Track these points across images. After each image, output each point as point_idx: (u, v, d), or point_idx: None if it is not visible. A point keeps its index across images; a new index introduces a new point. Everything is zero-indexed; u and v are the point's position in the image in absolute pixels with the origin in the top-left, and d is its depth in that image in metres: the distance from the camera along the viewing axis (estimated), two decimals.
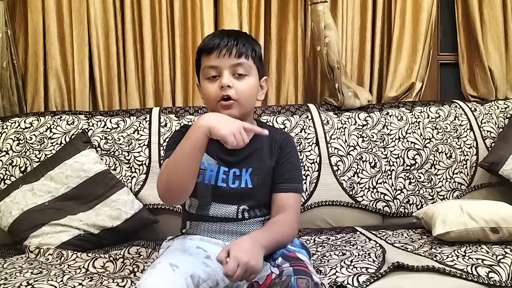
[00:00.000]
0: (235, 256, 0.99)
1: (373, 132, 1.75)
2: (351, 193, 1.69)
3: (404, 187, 1.72)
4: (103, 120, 1.68)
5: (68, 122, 1.66)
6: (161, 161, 1.22)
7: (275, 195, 1.24)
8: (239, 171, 1.22)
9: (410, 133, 1.77)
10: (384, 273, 1.15)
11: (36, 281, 1.16)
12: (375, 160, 1.72)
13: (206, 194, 1.22)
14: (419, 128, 1.78)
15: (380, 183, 1.71)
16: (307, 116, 1.76)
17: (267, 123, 1.70)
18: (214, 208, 1.22)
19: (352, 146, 1.72)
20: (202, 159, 1.10)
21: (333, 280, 1.13)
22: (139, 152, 1.64)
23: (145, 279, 0.99)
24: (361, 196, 1.69)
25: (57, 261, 1.35)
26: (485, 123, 1.84)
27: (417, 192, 1.73)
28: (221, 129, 1.04)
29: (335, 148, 1.71)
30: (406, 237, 1.44)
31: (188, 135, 1.08)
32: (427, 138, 1.77)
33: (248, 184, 1.21)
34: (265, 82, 1.28)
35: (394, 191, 1.72)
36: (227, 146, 1.04)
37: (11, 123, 1.65)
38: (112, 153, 1.63)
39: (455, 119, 1.82)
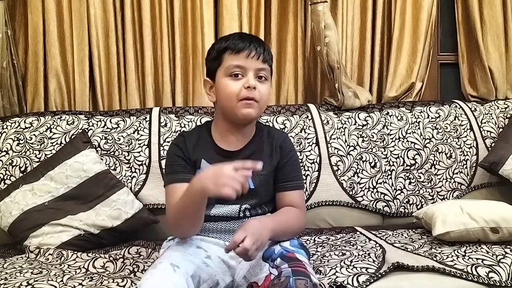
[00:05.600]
0: (244, 228, 1.06)
1: (373, 132, 1.75)
2: (351, 193, 1.69)
3: (404, 187, 1.72)
4: (103, 120, 1.68)
5: (68, 122, 1.66)
6: (164, 186, 1.25)
7: (281, 194, 1.26)
8: None
9: (410, 133, 1.77)
10: (384, 273, 1.15)
11: (36, 281, 1.16)
12: (375, 160, 1.72)
13: (209, 200, 1.22)
14: (419, 128, 1.78)
15: (380, 183, 1.71)
16: (307, 116, 1.76)
17: (266, 124, 1.71)
18: (217, 208, 1.23)
19: (352, 146, 1.72)
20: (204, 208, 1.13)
21: (333, 280, 1.13)
22: (139, 152, 1.64)
23: (146, 279, 0.99)
24: (361, 196, 1.69)
25: (57, 261, 1.35)
26: (485, 123, 1.84)
27: (417, 192, 1.73)
28: (213, 189, 1.03)
29: (335, 148, 1.71)
30: (406, 237, 1.44)
31: (190, 194, 1.09)
32: (427, 138, 1.77)
33: (250, 185, 1.22)
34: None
35: (394, 191, 1.71)
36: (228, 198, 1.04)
37: (11, 123, 1.65)
38: (112, 153, 1.63)
39: (455, 119, 1.82)
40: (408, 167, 1.74)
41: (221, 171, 1.03)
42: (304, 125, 1.73)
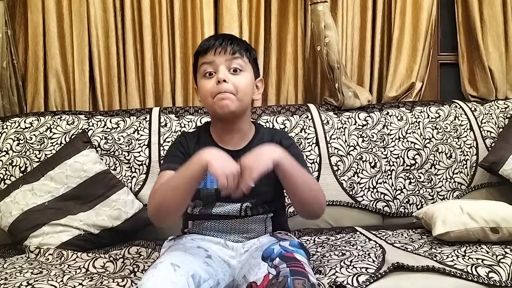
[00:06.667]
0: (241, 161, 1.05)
1: (373, 132, 1.75)
2: (351, 193, 1.69)
3: (404, 187, 1.72)
4: (103, 120, 1.68)
5: (68, 122, 1.66)
6: (159, 173, 1.24)
7: None
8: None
9: (410, 133, 1.77)
10: (384, 273, 1.15)
11: (36, 281, 1.16)
12: (375, 160, 1.72)
13: (210, 197, 1.23)
14: (419, 128, 1.78)
15: (380, 183, 1.71)
16: (307, 116, 1.76)
17: (266, 125, 1.71)
18: (218, 207, 1.23)
19: (352, 146, 1.72)
20: (196, 188, 1.10)
21: (333, 280, 1.13)
22: (139, 152, 1.64)
23: (147, 279, 1.00)
24: (361, 196, 1.69)
25: (57, 261, 1.35)
26: (485, 123, 1.84)
27: (417, 192, 1.73)
28: (217, 168, 1.02)
29: (335, 148, 1.71)
30: (406, 237, 1.44)
31: (190, 164, 1.08)
32: (427, 138, 1.77)
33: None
34: (261, 83, 1.29)
35: (394, 191, 1.72)
36: (219, 187, 1.02)
37: (11, 123, 1.65)
38: (112, 153, 1.63)
39: (455, 119, 1.82)
40: (408, 167, 1.74)
41: (231, 163, 1.03)
42: (304, 125, 1.73)
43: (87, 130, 1.64)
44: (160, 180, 1.19)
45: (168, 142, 1.64)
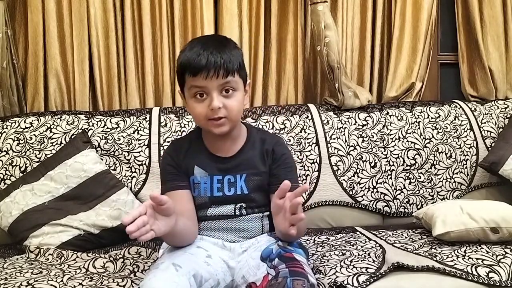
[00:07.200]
0: None
1: (373, 132, 1.75)
2: (351, 193, 1.69)
3: (404, 187, 1.72)
4: (103, 120, 1.68)
5: (68, 122, 1.66)
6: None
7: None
8: (233, 178, 1.22)
9: (410, 133, 1.77)
10: (384, 273, 1.15)
11: (36, 281, 1.16)
12: (375, 160, 1.72)
13: (204, 204, 1.24)
14: (419, 128, 1.78)
15: (380, 183, 1.71)
16: (307, 116, 1.76)
17: (266, 125, 1.71)
18: (213, 208, 1.23)
19: (352, 146, 1.72)
20: (181, 224, 1.10)
21: (333, 280, 1.13)
22: (139, 152, 1.64)
23: (149, 279, 1.00)
24: (361, 196, 1.69)
25: (57, 261, 1.35)
26: (485, 123, 1.84)
27: (417, 192, 1.73)
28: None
29: (335, 148, 1.71)
30: (406, 237, 1.44)
31: None
32: (427, 138, 1.77)
33: (244, 190, 1.22)
34: (248, 86, 1.26)
35: (394, 191, 1.71)
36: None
37: (11, 123, 1.65)
38: (112, 153, 1.63)
39: (455, 119, 1.82)
40: (408, 167, 1.74)
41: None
42: (304, 125, 1.73)
43: (87, 130, 1.64)
44: None
45: (168, 142, 1.64)
